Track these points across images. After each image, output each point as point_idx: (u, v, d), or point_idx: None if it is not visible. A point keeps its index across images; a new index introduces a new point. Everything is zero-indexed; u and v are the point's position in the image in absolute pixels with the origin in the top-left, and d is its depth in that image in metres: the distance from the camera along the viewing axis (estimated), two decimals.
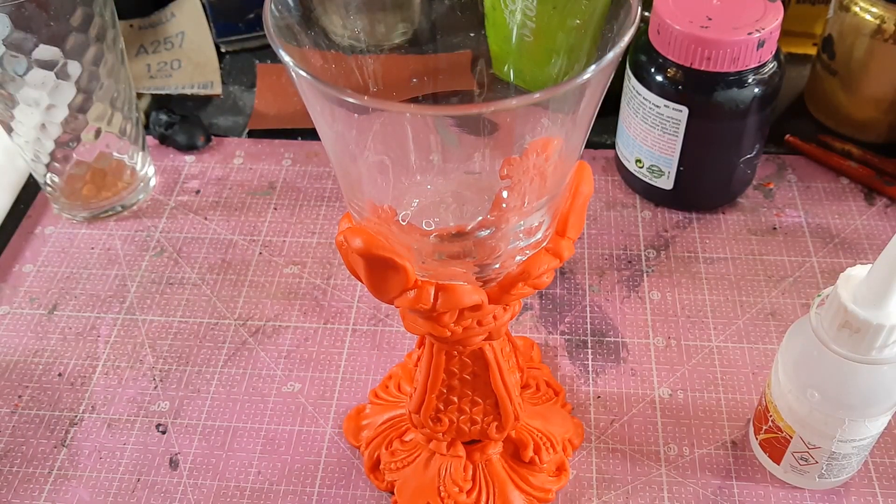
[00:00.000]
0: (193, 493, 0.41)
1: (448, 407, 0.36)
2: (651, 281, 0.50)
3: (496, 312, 0.30)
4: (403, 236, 0.27)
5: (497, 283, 0.29)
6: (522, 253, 0.28)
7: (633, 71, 0.50)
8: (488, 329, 0.30)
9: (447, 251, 0.28)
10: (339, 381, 0.46)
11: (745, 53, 0.46)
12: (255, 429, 0.44)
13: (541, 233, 0.28)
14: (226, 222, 0.55)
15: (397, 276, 0.27)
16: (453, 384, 0.35)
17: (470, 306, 0.28)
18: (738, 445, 0.42)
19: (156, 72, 0.65)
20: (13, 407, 0.45)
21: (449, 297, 0.27)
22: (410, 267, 0.27)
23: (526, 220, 0.27)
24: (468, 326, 0.30)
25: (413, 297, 0.27)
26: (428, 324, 0.29)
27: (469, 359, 0.34)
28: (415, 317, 0.30)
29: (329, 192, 0.56)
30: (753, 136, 0.51)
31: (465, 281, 0.28)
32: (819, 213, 0.54)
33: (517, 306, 0.32)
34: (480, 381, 0.35)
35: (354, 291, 0.50)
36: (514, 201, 0.26)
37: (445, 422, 0.36)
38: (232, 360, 0.47)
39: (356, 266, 0.28)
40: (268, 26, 0.25)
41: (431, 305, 0.27)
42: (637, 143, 0.52)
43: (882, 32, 0.52)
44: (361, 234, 0.26)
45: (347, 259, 0.28)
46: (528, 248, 0.28)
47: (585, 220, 0.54)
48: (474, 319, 0.29)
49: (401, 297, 0.27)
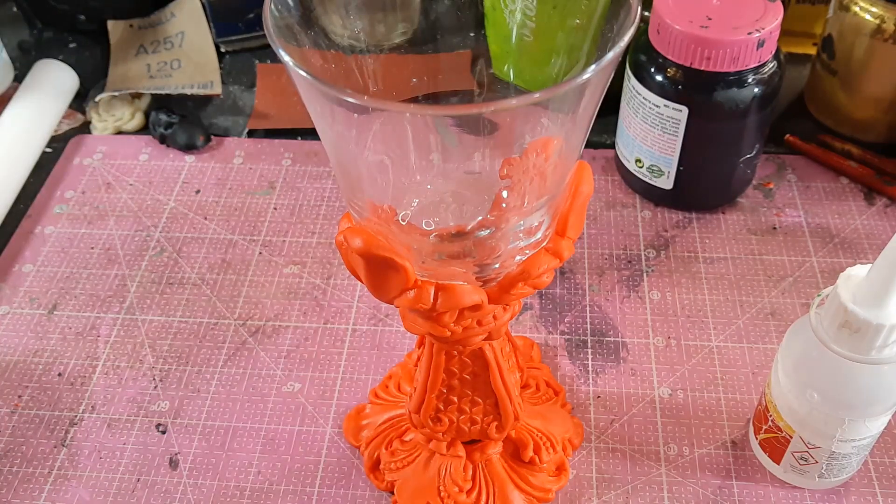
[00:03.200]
0: (193, 493, 0.41)
1: (448, 407, 0.36)
2: (651, 281, 0.50)
3: (496, 312, 0.30)
4: (403, 236, 0.27)
5: (497, 283, 0.29)
6: (522, 253, 0.28)
7: (633, 71, 0.50)
8: (488, 329, 0.30)
9: (447, 251, 0.28)
10: (339, 381, 0.46)
11: (745, 53, 0.46)
12: (255, 429, 0.44)
13: (541, 232, 0.28)
14: (226, 222, 0.55)
15: (397, 276, 0.27)
16: (453, 384, 0.35)
17: (470, 306, 0.28)
18: (738, 445, 0.42)
19: (156, 72, 0.65)
20: (13, 407, 0.45)
21: (449, 296, 0.27)
22: (410, 267, 0.27)
23: (526, 219, 0.27)
24: (468, 326, 0.30)
25: (413, 297, 0.27)
26: (428, 324, 0.29)
27: (469, 359, 0.34)
28: (415, 317, 0.30)
29: (329, 192, 0.56)
30: (753, 136, 0.51)
31: (465, 281, 0.28)
32: (819, 213, 0.54)
33: (517, 306, 0.32)
34: (480, 381, 0.35)
35: (354, 291, 0.50)
36: (513, 201, 0.26)
37: (445, 421, 0.36)
38: (232, 360, 0.47)
39: (356, 266, 0.28)
40: (267, 26, 0.25)
41: (431, 305, 0.27)
42: (637, 142, 0.52)
43: (882, 32, 0.52)
44: (361, 233, 0.26)
45: (347, 259, 0.28)
46: (528, 248, 0.28)
47: (585, 219, 0.54)
48: (474, 319, 0.29)
49: (401, 297, 0.27)
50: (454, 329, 0.29)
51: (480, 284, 0.29)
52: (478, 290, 0.28)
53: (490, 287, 0.29)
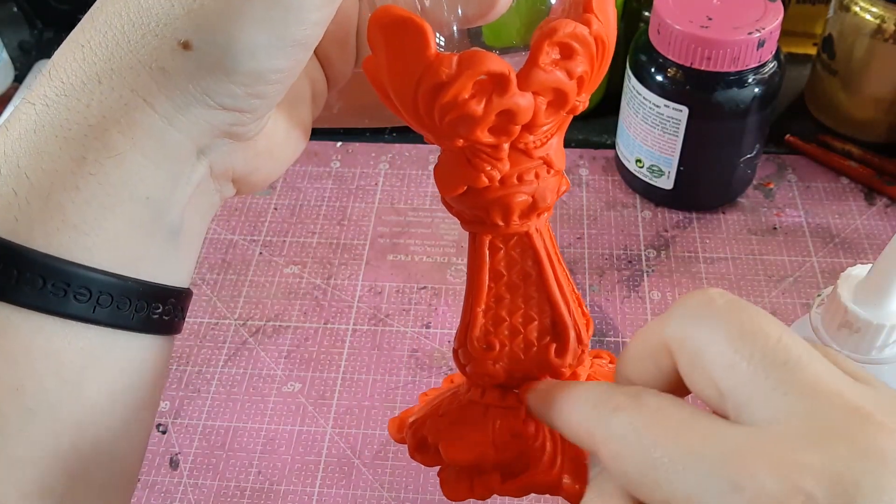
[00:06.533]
0: (193, 493, 0.41)
1: (499, 327, 0.32)
2: (651, 281, 0.50)
3: (538, 169, 0.28)
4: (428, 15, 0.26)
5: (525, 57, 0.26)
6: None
7: (633, 71, 0.50)
8: (532, 189, 0.28)
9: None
10: (339, 381, 0.46)
11: (745, 53, 0.46)
12: (255, 429, 0.44)
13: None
14: (226, 222, 0.55)
15: (417, 45, 0.25)
16: (502, 293, 0.31)
17: (496, 73, 0.25)
18: None
19: None
20: None
21: (471, 57, 0.25)
22: (430, 29, 0.25)
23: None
24: (507, 179, 0.28)
25: (434, 67, 0.25)
26: (464, 169, 0.27)
27: (516, 252, 0.31)
28: (450, 167, 0.28)
29: (329, 193, 0.56)
30: (753, 136, 0.51)
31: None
32: (819, 213, 0.54)
33: (565, 182, 0.30)
34: (532, 288, 0.31)
35: (354, 291, 0.50)
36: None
37: (497, 345, 0.32)
38: (232, 360, 0.47)
39: (378, 56, 0.26)
40: None
41: (454, 72, 0.25)
42: (637, 142, 0.52)
43: (882, 32, 0.52)
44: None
45: (372, 70, 0.26)
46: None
47: (585, 219, 0.54)
48: (508, 121, 0.27)
49: (424, 83, 0.25)
50: (492, 163, 0.27)
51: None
52: (503, 60, 0.26)
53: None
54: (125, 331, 0.24)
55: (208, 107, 0.23)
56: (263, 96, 0.24)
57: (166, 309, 0.25)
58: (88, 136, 0.22)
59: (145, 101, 0.23)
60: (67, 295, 0.22)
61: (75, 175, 0.22)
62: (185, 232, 0.26)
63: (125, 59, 0.23)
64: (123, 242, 0.23)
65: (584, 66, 0.26)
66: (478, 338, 0.32)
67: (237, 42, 0.22)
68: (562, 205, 0.55)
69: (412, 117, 0.26)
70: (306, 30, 0.23)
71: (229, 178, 0.27)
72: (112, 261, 0.23)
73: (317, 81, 0.29)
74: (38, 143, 0.22)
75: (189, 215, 0.25)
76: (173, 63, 0.22)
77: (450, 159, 0.28)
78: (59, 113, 0.23)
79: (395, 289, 0.50)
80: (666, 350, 0.23)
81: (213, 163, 0.25)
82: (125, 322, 0.24)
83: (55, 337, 0.23)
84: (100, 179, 0.22)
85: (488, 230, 0.30)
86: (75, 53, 0.23)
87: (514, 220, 0.30)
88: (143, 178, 0.23)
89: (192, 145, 0.24)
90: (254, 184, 0.28)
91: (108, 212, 0.23)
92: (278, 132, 0.27)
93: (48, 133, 0.22)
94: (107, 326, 0.23)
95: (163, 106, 0.23)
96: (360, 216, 0.55)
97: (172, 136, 0.23)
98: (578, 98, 0.27)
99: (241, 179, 0.27)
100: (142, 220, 0.24)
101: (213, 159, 0.25)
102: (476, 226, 0.30)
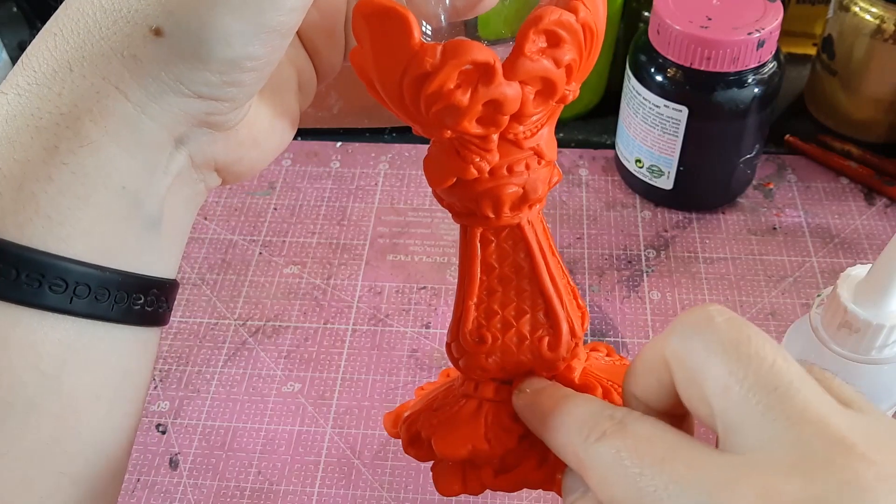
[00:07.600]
0: (193, 493, 0.41)
1: (491, 321, 0.31)
2: (651, 281, 0.50)
3: (528, 160, 0.28)
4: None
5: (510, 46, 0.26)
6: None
7: (632, 71, 0.51)
8: (522, 180, 0.28)
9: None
10: (339, 381, 0.46)
11: (745, 53, 0.46)
12: (255, 429, 0.44)
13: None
14: (226, 222, 0.55)
15: (401, 35, 0.24)
16: (493, 285, 0.31)
17: (481, 62, 0.25)
18: None
19: None
20: None
21: (455, 46, 0.25)
22: (413, 18, 0.24)
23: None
24: (496, 169, 0.27)
25: (418, 57, 0.24)
26: (453, 161, 0.27)
27: (507, 245, 0.30)
28: (439, 159, 0.28)
29: (329, 193, 0.56)
30: (753, 136, 0.51)
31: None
32: (819, 213, 0.54)
33: (557, 173, 0.29)
34: (525, 280, 0.31)
35: (354, 291, 0.50)
36: None
37: (489, 339, 0.31)
38: (232, 360, 0.47)
39: (363, 47, 0.25)
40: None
41: (439, 62, 0.24)
42: (637, 143, 0.52)
43: (882, 32, 0.52)
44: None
45: (358, 57, 0.26)
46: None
47: (585, 220, 0.54)
48: (496, 111, 0.26)
49: (409, 73, 0.25)
50: (481, 154, 0.27)
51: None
52: (488, 49, 0.25)
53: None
54: (105, 322, 0.23)
55: (183, 95, 0.23)
56: (240, 84, 0.23)
57: (148, 300, 0.25)
58: (60, 125, 0.22)
59: (117, 88, 0.22)
60: (42, 286, 0.22)
61: (48, 165, 0.22)
62: (168, 222, 0.25)
63: (97, 47, 0.22)
64: (100, 232, 0.23)
65: (571, 54, 0.25)
66: (470, 331, 0.31)
67: (210, 28, 0.22)
68: (562, 205, 0.55)
69: (399, 108, 0.26)
70: (282, 16, 0.23)
71: (212, 167, 0.26)
72: (89, 251, 0.23)
73: (304, 71, 0.28)
74: (10, 132, 0.22)
75: (171, 205, 0.25)
76: (145, 50, 0.22)
77: (439, 150, 0.28)
78: (30, 102, 0.22)
79: (394, 289, 0.50)
80: (666, 366, 0.23)
81: (193, 152, 0.25)
82: (104, 313, 0.23)
83: (31, 329, 0.22)
84: (73, 169, 0.22)
85: (479, 222, 0.30)
86: (48, 42, 0.23)
87: (505, 212, 0.29)
88: (117, 167, 0.23)
89: (168, 134, 0.23)
90: (239, 173, 0.27)
91: (82, 202, 0.22)
92: (262, 121, 0.27)
93: (20, 123, 0.22)
94: (85, 318, 0.23)
95: (135, 94, 0.22)
96: (360, 216, 0.55)
97: (146, 125, 0.23)
98: (568, 87, 0.26)
99: (225, 169, 0.27)
100: (118, 210, 0.23)
101: (192, 149, 0.25)
102: (467, 218, 0.30)
